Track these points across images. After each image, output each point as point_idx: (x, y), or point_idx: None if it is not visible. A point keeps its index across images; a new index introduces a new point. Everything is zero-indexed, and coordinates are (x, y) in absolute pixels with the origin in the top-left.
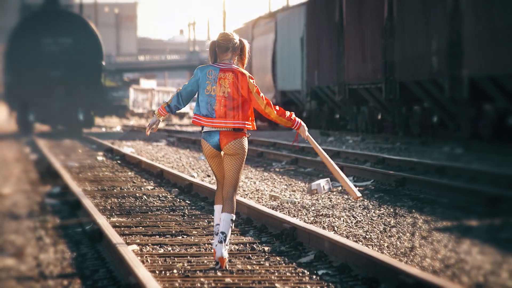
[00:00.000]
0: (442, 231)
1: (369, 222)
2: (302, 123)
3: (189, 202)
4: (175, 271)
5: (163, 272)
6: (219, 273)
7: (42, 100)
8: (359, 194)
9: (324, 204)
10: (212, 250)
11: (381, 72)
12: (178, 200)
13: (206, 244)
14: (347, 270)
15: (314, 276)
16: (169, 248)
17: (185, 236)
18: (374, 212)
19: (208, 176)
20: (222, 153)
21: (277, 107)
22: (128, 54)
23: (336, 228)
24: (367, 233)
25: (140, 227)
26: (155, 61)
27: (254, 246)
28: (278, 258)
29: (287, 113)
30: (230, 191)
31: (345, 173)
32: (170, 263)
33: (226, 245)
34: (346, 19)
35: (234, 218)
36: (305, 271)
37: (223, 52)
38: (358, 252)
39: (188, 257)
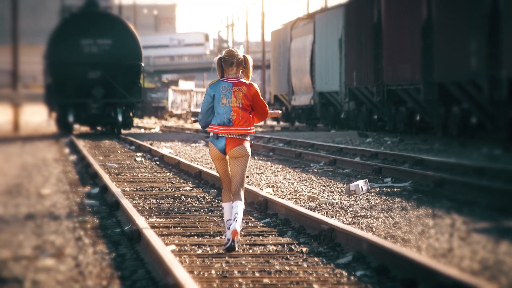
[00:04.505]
0: (481, 233)
1: (408, 223)
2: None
3: None
4: (213, 271)
5: (201, 272)
6: (257, 274)
7: (81, 101)
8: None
9: (362, 205)
10: (228, 232)
11: (419, 73)
12: (217, 200)
13: (244, 245)
14: (385, 271)
15: (352, 277)
16: (208, 249)
17: (223, 237)
18: (412, 213)
19: (247, 177)
20: (227, 156)
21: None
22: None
23: (374, 229)
24: (405, 234)
25: (179, 228)
26: (193, 62)
27: (292, 247)
28: (316, 259)
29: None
30: (238, 188)
31: (384, 174)
32: (208, 263)
33: (239, 225)
34: (385, 20)
35: (244, 208)
36: (343, 272)
37: (228, 67)
38: (397, 253)
39: (226, 257)
